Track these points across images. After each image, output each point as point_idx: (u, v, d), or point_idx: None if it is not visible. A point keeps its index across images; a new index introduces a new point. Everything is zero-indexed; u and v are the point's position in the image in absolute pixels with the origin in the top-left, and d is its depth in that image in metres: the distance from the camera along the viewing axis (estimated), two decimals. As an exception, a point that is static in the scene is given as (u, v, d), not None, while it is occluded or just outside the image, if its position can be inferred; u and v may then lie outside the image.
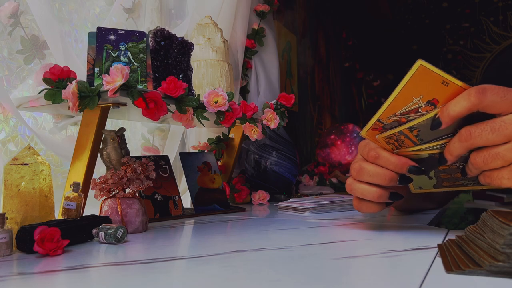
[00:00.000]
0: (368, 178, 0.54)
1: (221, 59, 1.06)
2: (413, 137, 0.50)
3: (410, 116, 0.48)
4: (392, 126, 0.51)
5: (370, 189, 0.55)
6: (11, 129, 0.82)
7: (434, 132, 0.48)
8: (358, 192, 0.56)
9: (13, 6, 0.78)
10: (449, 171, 0.53)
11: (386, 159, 0.53)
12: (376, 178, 0.53)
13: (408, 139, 0.51)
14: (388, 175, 0.53)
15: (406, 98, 0.47)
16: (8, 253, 0.51)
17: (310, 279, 0.37)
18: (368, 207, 0.57)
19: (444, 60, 3.57)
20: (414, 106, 0.47)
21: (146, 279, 0.39)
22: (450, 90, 0.45)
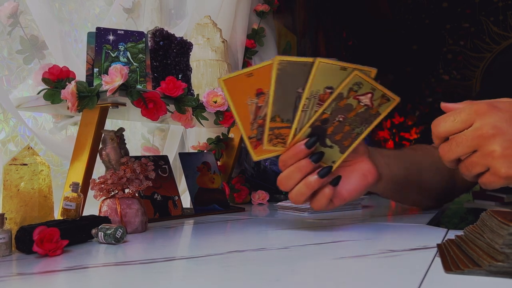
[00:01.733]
0: (289, 181, 0.56)
1: (221, 59, 1.06)
2: (281, 124, 0.55)
3: (261, 114, 0.54)
4: (261, 132, 0.56)
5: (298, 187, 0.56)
6: (11, 129, 0.82)
7: (287, 105, 0.54)
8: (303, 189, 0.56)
9: (13, 6, 0.78)
10: (337, 129, 0.56)
11: (288, 157, 0.55)
12: (293, 176, 0.56)
13: (281, 128, 0.55)
14: (300, 165, 0.55)
15: (242, 106, 0.54)
16: (7, 253, 0.51)
17: (309, 279, 0.37)
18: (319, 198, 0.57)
19: (444, 60, 3.56)
20: (253, 107, 0.54)
21: (145, 279, 0.39)
22: (261, 76, 0.53)
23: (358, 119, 0.56)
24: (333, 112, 0.55)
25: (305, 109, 0.54)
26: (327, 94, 0.54)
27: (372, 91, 0.55)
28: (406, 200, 0.78)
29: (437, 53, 3.58)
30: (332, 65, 0.53)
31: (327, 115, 0.55)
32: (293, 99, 0.54)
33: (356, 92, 0.55)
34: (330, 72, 0.53)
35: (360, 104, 0.55)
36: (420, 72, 3.59)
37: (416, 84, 3.59)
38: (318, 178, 0.55)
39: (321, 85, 0.54)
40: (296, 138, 0.55)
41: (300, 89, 0.54)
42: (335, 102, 0.54)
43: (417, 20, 3.61)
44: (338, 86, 0.54)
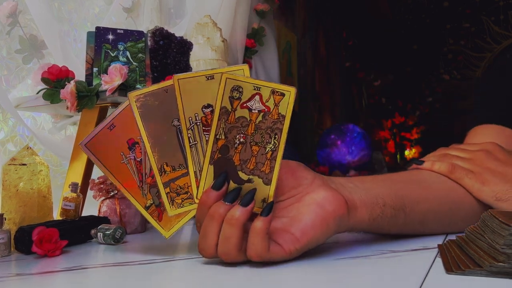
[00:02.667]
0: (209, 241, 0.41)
1: (221, 58, 1.06)
2: (174, 174, 0.43)
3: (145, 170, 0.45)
4: (156, 195, 0.45)
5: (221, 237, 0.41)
6: (10, 129, 0.82)
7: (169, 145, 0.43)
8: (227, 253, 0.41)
9: (12, 6, 0.78)
10: (245, 154, 0.43)
11: (199, 214, 0.42)
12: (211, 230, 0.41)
13: (177, 178, 0.43)
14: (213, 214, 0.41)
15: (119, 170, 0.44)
16: (6, 253, 0.50)
17: (310, 280, 0.37)
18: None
19: (445, 60, 3.56)
20: (132, 164, 0.44)
21: (145, 280, 0.39)
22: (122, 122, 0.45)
23: (263, 132, 0.43)
24: (228, 134, 0.42)
25: (193, 143, 0.43)
26: (209, 115, 0.43)
27: (257, 91, 0.43)
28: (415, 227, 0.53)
29: (437, 53, 3.58)
30: (193, 78, 0.43)
31: (223, 141, 0.42)
32: (174, 136, 0.43)
33: (239, 100, 0.43)
34: (197, 88, 0.43)
35: (253, 112, 0.43)
36: (421, 72, 3.59)
37: (417, 84, 3.59)
38: (242, 208, 0.40)
39: (196, 106, 0.43)
40: (201, 187, 0.42)
41: (175, 121, 0.43)
42: (222, 120, 0.42)
43: (418, 20, 3.61)
44: (215, 99, 0.42)
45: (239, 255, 0.40)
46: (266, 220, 0.39)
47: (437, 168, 0.56)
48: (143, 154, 0.44)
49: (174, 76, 0.42)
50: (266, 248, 0.40)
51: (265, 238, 0.40)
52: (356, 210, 0.45)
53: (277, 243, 0.41)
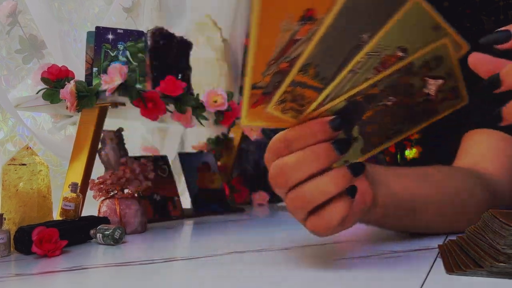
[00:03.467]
0: (298, 174, 0.35)
1: (221, 58, 1.06)
2: (312, 81, 0.34)
3: (290, 54, 0.32)
4: (275, 84, 0.34)
5: (318, 181, 0.35)
6: (9, 129, 0.82)
7: (334, 55, 0.33)
8: (316, 194, 0.35)
9: (11, 5, 0.78)
10: (376, 116, 0.37)
11: (300, 135, 0.35)
12: (305, 166, 0.35)
13: (308, 87, 0.34)
14: (317, 152, 0.35)
15: (271, 30, 0.30)
16: (6, 253, 0.50)
17: (310, 280, 0.37)
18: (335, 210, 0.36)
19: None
20: (287, 36, 0.31)
21: (144, 280, 0.39)
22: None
23: (407, 111, 0.37)
24: (386, 89, 0.35)
25: (356, 69, 0.34)
26: (394, 57, 0.34)
27: (445, 77, 0.36)
28: (418, 226, 0.53)
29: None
30: (428, 14, 0.33)
31: (376, 91, 0.35)
32: (347, 48, 0.33)
33: (430, 70, 0.36)
34: (416, 25, 0.33)
35: (423, 91, 0.37)
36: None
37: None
38: (350, 173, 0.35)
39: (396, 40, 0.33)
40: (317, 112, 0.35)
41: (366, 35, 0.32)
42: (397, 74, 0.35)
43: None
44: (415, 51, 0.34)
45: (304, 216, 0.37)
46: (350, 202, 0.36)
47: None
48: (307, 38, 0.31)
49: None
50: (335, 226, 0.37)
51: (342, 217, 0.36)
52: (375, 208, 0.44)
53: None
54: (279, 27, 0.30)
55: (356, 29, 0.32)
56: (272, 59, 0.32)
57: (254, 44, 0.31)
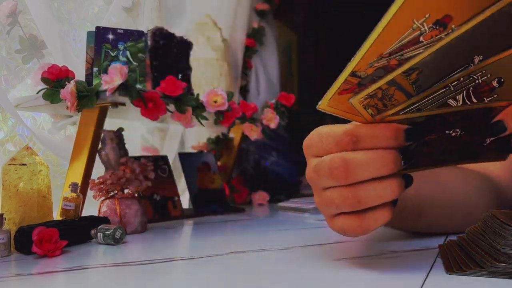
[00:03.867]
0: (364, 173, 0.35)
1: (221, 58, 1.06)
2: (408, 86, 0.33)
3: (405, 53, 0.31)
4: (374, 78, 0.33)
5: (378, 184, 0.35)
6: (9, 129, 0.82)
7: (442, 67, 0.32)
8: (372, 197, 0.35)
9: (11, 5, 0.78)
10: (435, 142, 0.38)
11: (371, 135, 0.35)
12: (374, 167, 0.35)
13: (401, 90, 0.34)
14: (388, 157, 0.35)
15: (402, 24, 0.30)
16: (6, 254, 0.50)
17: (310, 280, 0.37)
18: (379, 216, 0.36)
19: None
20: (413, 35, 0.30)
21: (144, 280, 0.38)
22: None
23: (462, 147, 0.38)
24: (460, 121, 0.36)
25: (451, 86, 0.33)
26: (488, 86, 0.34)
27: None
28: (423, 226, 0.53)
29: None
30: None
31: (452, 119, 0.35)
32: (456, 64, 0.32)
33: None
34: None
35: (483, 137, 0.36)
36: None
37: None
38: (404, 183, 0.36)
39: (499, 71, 0.32)
40: (395, 117, 0.35)
41: (478, 58, 0.32)
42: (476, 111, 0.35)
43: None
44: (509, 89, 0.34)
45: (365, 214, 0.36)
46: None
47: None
48: (431, 42, 0.30)
49: None
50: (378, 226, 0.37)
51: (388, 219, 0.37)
52: None
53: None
54: (412, 23, 0.29)
55: (473, 50, 0.31)
56: (387, 53, 0.31)
57: (377, 32, 0.30)
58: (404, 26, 0.30)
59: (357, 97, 0.34)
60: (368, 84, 0.33)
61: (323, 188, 0.37)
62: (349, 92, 0.34)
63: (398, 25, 0.30)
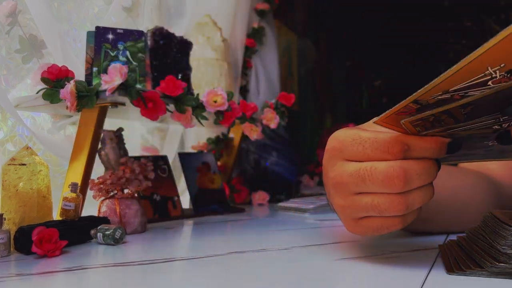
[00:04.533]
0: (418, 182, 0.37)
1: (221, 58, 1.05)
2: (460, 115, 0.36)
3: (470, 92, 0.33)
4: (433, 107, 0.35)
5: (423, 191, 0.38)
6: (9, 129, 0.81)
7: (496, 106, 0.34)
8: (417, 202, 0.38)
9: (11, 5, 0.77)
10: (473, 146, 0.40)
11: (420, 146, 0.37)
12: (425, 177, 0.37)
13: (451, 117, 0.36)
14: (434, 168, 0.38)
15: (478, 68, 0.31)
16: (6, 254, 0.50)
17: (310, 281, 0.37)
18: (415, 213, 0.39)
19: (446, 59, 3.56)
20: (483, 79, 0.32)
21: (144, 280, 0.38)
22: None
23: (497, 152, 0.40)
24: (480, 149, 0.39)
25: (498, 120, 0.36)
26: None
27: None
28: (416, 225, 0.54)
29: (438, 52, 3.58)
30: None
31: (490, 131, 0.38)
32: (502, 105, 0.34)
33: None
34: None
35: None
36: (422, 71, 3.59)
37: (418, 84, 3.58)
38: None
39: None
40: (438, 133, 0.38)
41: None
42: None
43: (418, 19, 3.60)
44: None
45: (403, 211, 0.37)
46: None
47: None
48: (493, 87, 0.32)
49: None
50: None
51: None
52: None
53: None
54: (487, 69, 0.31)
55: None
56: (453, 90, 0.33)
57: (450, 73, 0.32)
58: (477, 71, 0.31)
59: (410, 118, 0.36)
60: (424, 110, 0.35)
61: (359, 192, 0.38)
62: (407, 114, 0.36)
63: (472, 69, 0.31)
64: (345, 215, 0.40)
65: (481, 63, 0.31)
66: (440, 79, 0.33)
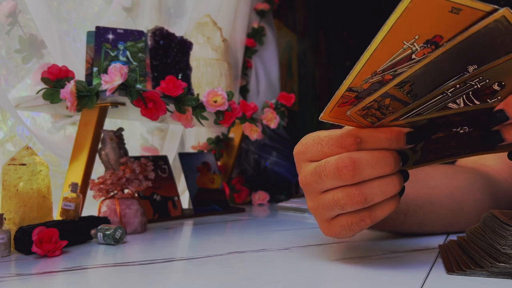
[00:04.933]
0: (371, 171, 0.36)
1: (221, 58, 1.05)
2: (403, 96, 0.35)
3: (398, 69, 0.33)
4: (370, 92, 0.35)
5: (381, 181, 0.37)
6: (9, 129, 0.81)
7: (435, 78, 0.34)
8: (377, 194, 0.37)
9: (11, 5, 0.77)
10: (443, 139, 0.39)
11: (374, 137, 0.37)
12: (379, 166, 0.36)
13: (396, 100, 0.36)
14: (391, 157, 0.37)
15: (393, 44, 0.32)
16: (6, 254, 0.50)
17: (310, 281, 0.37)
18: (385, 205, 0.38)
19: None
20: (405, 54, 0.32)
21: (144, 280, 0.38)
22: (463, 18, 0.30)
23: (473, 141, 0.39)
24: (467, 119, 0.37)
25: (448, 93, 0.35)
26: (489, 90, 0.35)
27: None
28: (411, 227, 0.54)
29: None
30: None
31: (458, 118, 0.37)
32: (450, 74, 0.34)
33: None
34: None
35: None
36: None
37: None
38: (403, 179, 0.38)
39: (499, 75, 0.33)
40: (394, 122, 0.37)
41: (473, 66, 0.33)
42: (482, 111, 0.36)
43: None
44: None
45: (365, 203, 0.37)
46: (398, 200, 0.39)
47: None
48: (420, 59, 0.32)
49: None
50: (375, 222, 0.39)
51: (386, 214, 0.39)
52: None
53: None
54: (403, 44, 0.32)
55: (466, 60, 0.33)
56: (380, 70, 0.33)
57: (371, 51, 0.32)
58: (395, 47, 0.32)
59: (353, 109, 0.36)
60: (364, 97, 0.35)
61: (322, 191, 0.38)
62: (348, 104, 0.36)
63: (388, 46, 0.32)
64: (318, 218, 0.40)
65: (395, 39, 0.31)
66: (362, 61, 0.33)
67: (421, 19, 0.30)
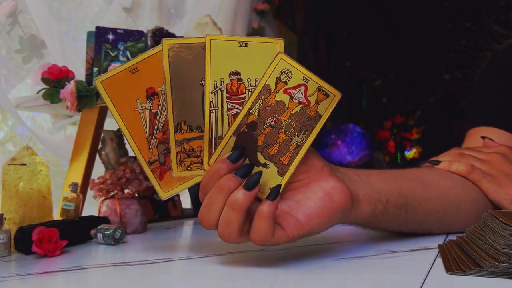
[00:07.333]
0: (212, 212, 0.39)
1: (221, 58, 1.05)
2: (190, 134, 0.41)
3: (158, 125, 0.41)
4: (164, 152, 0.41)
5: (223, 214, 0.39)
6: (9, 129, 0.82)
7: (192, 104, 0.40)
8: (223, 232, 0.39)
9: (12, 6, 0.78)
10: (270, 138, 0.41)
11: (208, 178, 0.39)
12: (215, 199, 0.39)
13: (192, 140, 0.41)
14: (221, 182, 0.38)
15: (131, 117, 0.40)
16: (6, 253, 0.50)
17: (310, 280, 0.37)
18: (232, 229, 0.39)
19: (446, 59, 3.56)
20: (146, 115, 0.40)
21: (144, 280, 0.38)
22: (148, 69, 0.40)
23: (294, 124, 0.41)
24: (261, 112, 0.41)
25: (214, 108, 0.40)
26: (235, 82, 0.41)
27: (305, 82, 0.41)
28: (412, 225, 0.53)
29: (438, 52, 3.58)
30: (226, 41, 0.40)
31: (254, 117, 0.40)
32: (199, 96, 0.40)
33: (285, 83, 0.41)
34: (228, 52, 0.40)
35: (294, 101, 0.41)
36: (422, 71, 3.59)
37: (417, 84, 3.58)
38: (245, 191, 0.37)
39: (224, 71, 0.40)
40: (216, 153, 0.40)
41: (203, 80, 0.40)
42: (261, 97, 0.41)
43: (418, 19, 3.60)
44: (262, 76, 0.40)
45: (240, 238, 0.39)
46: (273, 205, 0.37)
47: (455, 168, 0.56)
48: (161, 107, 0.40)
49: (207, 35, 0.40)
50: (271, 233, 0.38)
51: (271, 223, 0.38)
52: (359, 204, 0.45)
53: (281, 226, 0.39)
54: (135, 110, 0.40)
55: (195, 80, 0.40)
56: (148, 136, 0.41)
57: (126, 131, 0.40)
58: (134, 116, 0.40)
59: (173, 170, 0.41)
60: (167, 157, 0.41)
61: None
62: (165, 172, 0.41)
63: (129, 118, 0.40)
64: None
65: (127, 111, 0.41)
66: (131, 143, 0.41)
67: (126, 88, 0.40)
